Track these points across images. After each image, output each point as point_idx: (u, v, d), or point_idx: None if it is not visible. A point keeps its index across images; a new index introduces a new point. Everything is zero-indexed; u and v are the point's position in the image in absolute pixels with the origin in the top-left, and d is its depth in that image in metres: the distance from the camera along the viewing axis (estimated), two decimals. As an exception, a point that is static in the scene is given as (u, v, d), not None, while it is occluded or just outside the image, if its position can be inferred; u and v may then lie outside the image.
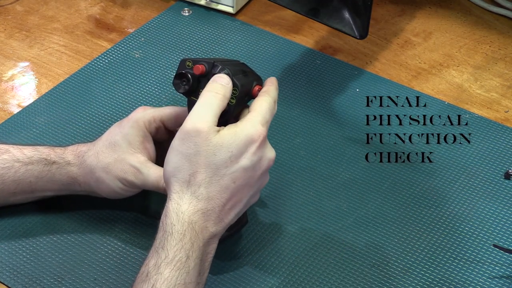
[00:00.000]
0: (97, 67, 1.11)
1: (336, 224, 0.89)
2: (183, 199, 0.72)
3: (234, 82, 0.77)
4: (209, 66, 0.78)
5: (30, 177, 0.83)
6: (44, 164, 0.83)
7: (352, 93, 1.07)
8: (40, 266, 0.83)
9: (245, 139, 0.73)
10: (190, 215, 0.71)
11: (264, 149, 0.75)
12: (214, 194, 0.72)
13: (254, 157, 0.74)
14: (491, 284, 0.82)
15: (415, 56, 1.15)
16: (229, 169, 0.73)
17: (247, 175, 0.74)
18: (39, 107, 1.04)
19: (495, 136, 1.00)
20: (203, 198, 0.72)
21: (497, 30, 1.20)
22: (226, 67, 0.78)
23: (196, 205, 0.72)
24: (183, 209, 0.71)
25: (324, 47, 1.16)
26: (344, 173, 0.95)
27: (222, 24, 1.20)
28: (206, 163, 0.72)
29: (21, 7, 1.24)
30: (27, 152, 0.84)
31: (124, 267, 0.83)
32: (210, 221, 0.72)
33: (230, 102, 0.77)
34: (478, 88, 1.09)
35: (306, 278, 0.83)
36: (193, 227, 0.71)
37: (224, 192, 0.73)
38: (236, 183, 0.73)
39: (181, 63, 0.79)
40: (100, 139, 0.85)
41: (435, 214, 0.90)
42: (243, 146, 0.73)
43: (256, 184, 0.76)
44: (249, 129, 0.74)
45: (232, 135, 0.73)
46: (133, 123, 0.83)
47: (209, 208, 0.72)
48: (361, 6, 0.96)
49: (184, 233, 0.70)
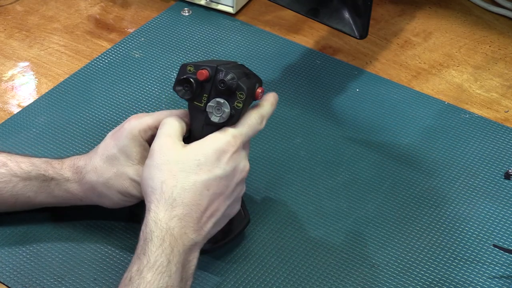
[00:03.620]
0: (97, 67, 1.11)
1: (336, 224, 0.89)
2: (159, 207, 0.73)
3: (241, 86, 0.77)
4: (212, 71, 0.78)
5: (28, 192, 0.83)
6: (42, 180, 0.82)
7: (352, 93, 1.08)
8: (40, 266, 0.83)
9: (214, 148, 0.76)
10: (167, 221, 0.73)
11: (238, 159, 0.77)
12: (188, 200, 0.74)
13: (227, 167, 0.76)
14: (491, 284, 0.82)
15: (415, 56, 1.15)
16: (200, 176, 0.75)
17: (221, 184, 0.76)
18: (39, 107, 1.04)
19: (495, 136, 1.00)
20: (177, 204, 0.73)
21: (497, 30, 1.20)
22: (230, 71, 0.77)
23: (172, 211, 0.73)
24: (160, 217, 0.73)
25: (324, 47, 1.16)
26: (344, 173, 0.95)
27: (222, 24, 1.20)
28: (174, 170, 0.74)
29: (21, 7, 1.24)
30: (24, 166, 0.83)
31: (124, 267, 0.83)
32: (188, 227, 0.74)
33: (237, 106, 0.77)
34: (478, 88, 1.09)
35: (306, 278, 0.83)
36: (172, 232, 0.72)
37: (199, 199, 0.74)
38: (210, 191, 0.75)
39: (181, 68, 0.79)
40: (95, 152, 0.83)
41: (435, 214, 0.90)
42: (212, 155, 0.75)
43: (233, 195, 0.78)
44: (219, 140, 0.76)
45: (199, 145, 0.76)
46: (128, 134, 0.82)
47: (185, 213, 0.74)
48: (361, 6, 0.96)
49: (164, 238, 0.72)
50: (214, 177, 0.75)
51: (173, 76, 1.09)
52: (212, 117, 0.78)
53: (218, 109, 0.78)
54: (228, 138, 0.77)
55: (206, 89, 0.78)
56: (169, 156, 0.75)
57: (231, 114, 0.77)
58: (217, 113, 0.78)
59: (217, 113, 0.78)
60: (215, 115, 0.78)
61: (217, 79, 0.77)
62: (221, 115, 0.77)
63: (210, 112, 0.78)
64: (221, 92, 0.77)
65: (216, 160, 0.75)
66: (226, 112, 0.77)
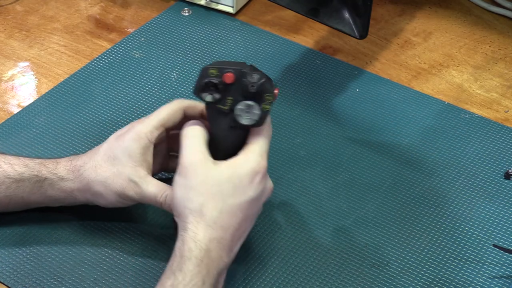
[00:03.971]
0: (97, 67, 1.11)
1: (336, 224, 0.89)
2: (199, 228, 0.74)
3: (269, 88, 0.77)
4: (237, 73, 0.77)
5: (22, 193, 0.83)
6: (35, 181, 0.82)
7: (352, 93, 1.08)
8: (40, 266, 0.83)
9: (248, 170, 0.76)
10: (206, 242, 0.73)
11: (266, 180, 0.79)
12: (225, 223, 0.75)
13: (258, 188, 0.77)
14: (491, 284, 0.82)
15: (415, 56, 1.15)
16: (236, 199, 0.75)
17: (252, 205, 0.77)
18: (39, 107, 1.04)
19: (495, 136, 1.00)
20: (217, 227, 0.74)
21: (497, 30, 1.20)
22: (256, 73, 0.77)
23: (212, 233, 0.74)
24: (199, 237, 0.73)
25: (324, 47, 1.16)
26: (344, 173, 0.95)
27: (222, 24, 1.20)
28: (213, 193, 0.75)
29: (21, 7, 1.24)
30: (17, 168, 0.82)
31: (124, 267, 0.83)
32: (224, 250, 0.75)
33: (265, 108, 0.77)
34: (478, 88, 1.09)
35: (306, 278, 0.83)
36: (209, 254, 0.73)
37: (234, 222, 0.76)
38: (244, 213, 0.76)
39: (203, 71, 0.78)
40: (97, 152, 0.83)
41: (435, 214, 0.90)
42: (246, 177, 0.76)
43: (257, 214, 0.79)
44: (252, 162, 0.77)
45: (233, 167, 0.76)
46: (134, 135, 0.82)
47: (223, 237, 0.75)
48: (361, 6, 0.96)
49: (202, 259, 0.72)
50: (249, 199, 0.76)
51: (172, 76, 1.09)
52: (242, 120, 0.77)
53: (248, 111, 0.77)
54: (258, 158, 0.77)
55: (230, 92, 0.77)
56: (205, 177, 0.75)
57: (261, 116, 0.77)
58: (246, 115, 0.77)
59: (246, 115, 0.77)
60: (244, 118, 0.77)
61: (245, 82, 0.77)
62: (251, 118, 0.77)
63: (239, 115, 0.77)
64: (250, 94, 0.77)
65: (250, 183, 0.76)
66: (257, 114, 0.77)
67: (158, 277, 0.80)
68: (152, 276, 0.82)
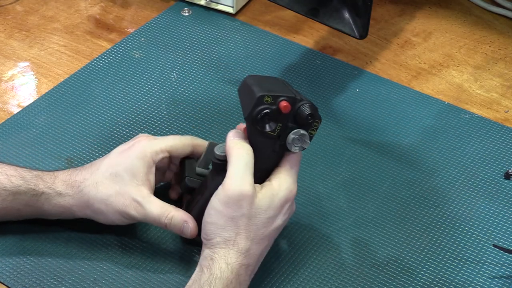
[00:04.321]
0: (97, 67, 1.11)
1: (336, 224, 0.89)
2: (230, 253, 0.75)
3: (318, 115, 0.77)
4: (291, 101, 0.75)
5: (18, 206, 0.82)
6: (32, 195, 0.81)
7: (352, 93, 1.08)
8: (40, 266, 0.83)
9: (282, 200, 0.77)
10: (237, 267, 0.75)
11: (293, 205, 0.80)
12: (254, 252, 0.76)
13: (286, 215, 0.79)
14: (491, 284, 0.82)
15: (415, 56, 1.15)
16: (267, 229, 0.77)
17: (276, 232, 0.79)
18: (39, 107, 1.04)
19: (495, 136, 1.00)
20: (248, 255, 0.76)
21: (497, 30, 1.20)
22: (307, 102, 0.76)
23: (242, 260, 0.75)
24: (231, 261, 0.74)
25: (324, 47, 1.16)
26: (344, 173, 0.95)
27: (222, 24, 1.20)
28: (249, 225, 0.76)
29: (21, 7, 1.24)
30: (14, 180, 0.81)
31: (124, 267, 0.83)
32: (249, 275, 0.76)
33: (311, 133, 0.78)
34: (478, 88, 1.09)
35: (306, 278, 0.83)
36: (238, 278, 0.74)
37: (261, 249, 0.77)
38: (270, 240, 0.78)
39: (258, 99, 0.75)
40: (98, 167, 0.82)
41: (435, 214, 0.90)
42: (279, 207, 0.77)
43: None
44: (285, 191, 0.78)
45: (270, 198, 0.77)
46: (139, 154, 0.81)
47: (250, 263, 0.76)
48: (361, 6, 0.96)
49: (232, 280, 0.74)
50: (277, 227, 0.78)
51: (172, 76, 1.09)
52: (293, 148, 0.77)
53: (300, 140, 0.77)
54: (291, 186, 0.78)
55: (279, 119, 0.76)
56: (247, 211, 0.75)
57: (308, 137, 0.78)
58: (298, 144, 0.77)
59: (298, 144, 0.77)
60: (295, 146, 0.78)
61: (300, 113, 0.76)
62: (302, 146, 0.78)
63: (291, 144, 0.77)
64: (301, 123, 0.77)
65: (280, 211, 0.77)
66: (307, 143, 0.78)
67: (158, 277, 0.81)
68: (151, 276, 0.82)
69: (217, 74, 1.10)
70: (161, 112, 1.03)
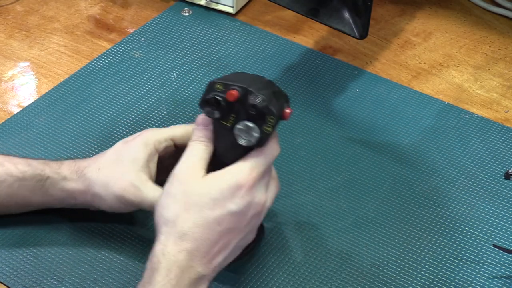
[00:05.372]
0: (97, 67, 1.11)
1: (336, 224, 0.89)
2: (169, 239, 0.73)
3: (271, 110, 0.74)
4: (242, 91, 0.74)
5: (24, 192, 0.83)
6: (38, 180, 0.82)
7: (352, 93, 1.08)
8: (40, 266, 0.83)
9: (230, 184, 0.74)
10: (175, 253, 0.72)
11: (254, 194, 0.75)
12: (199, 235, 0.73)
13: (241, 202, 0.74)
14: (491, 284, 0.82)
15: (415, 56, 1.15)
16: (214, 211, 0.73)
17: (234, 219, 0.74)
18: (39, 107, 1.04)
19: (495, 136, 1.00)
20: (188, 238, 0.72)
21: (497, 30, 1.20)
22: (260, 94, 0.74)
23: (181, 244, 0.72)
24: (168, 249, 0.72)
25: (324, 47, 1.16)
26: (344, 173, 0.95)
27: (222, 24, 1.20)
28: (190, 204, 0.73)
29: (21, 7, 1.24)
30: (21, 167, 0.83)
31: (124, 267, 0.83)
32: (195, 260, 0.73)
33: (266, 130, 0.75)
34: (478, 88, 1.09)
35: (306, 278, 0.83)
36: (179, 265, 0.72)
37: (209, 234, 0.73)
38: (222, 226, 0.73)
39: (209, 85, 0.76)
40: (103, 155, 0.84)
41: (435, 214, 0.90)
42: (227, 190, 0.74)
43: (247, 228, 0.76)
44: (234, 175, 0.74)
45: (215, 180, 0.74)
46: (141, 141, 0.82)
47: (194, 247, 0.73)
48: (361, 6, 0.97)
49: (170, 269, 0.71)
50: (227, 213, 0.73)
51: (173, 76, 1.09)
52: (240, 140, 0.75)
53: (247, 132, 0.75)
54: (245, 172, 0.75)
55: (234, 109, 0.75)
56: (187, 187, 0.74)
57: (260, 138, 0.75)
58: (245, 136, 0.75)
59: (245, 136, 0.75)
60: (243, 138, 0.75)
61: (247, 102, 0.74)
62: (249, 139, 0.75)
63: (238, 135, 0.75)
64: (251, 115, 0.75)
65: (231, 196, 0.74)
66: (255, 137, 0.75)
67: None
68: (152, 276, 0.82)
69: (217, 74, 1.10)
70: (161, 112, 1.03)
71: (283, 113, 0.76)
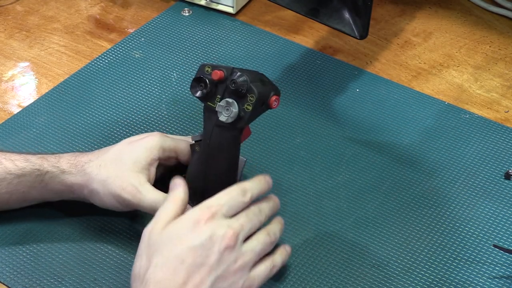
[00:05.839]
0: (97, 67, 1.11)
1: (336, 224, 0.89)
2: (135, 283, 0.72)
3: (252, 88, 0.77)
4: (227, 72, 0.78)
5: (23, 188, 0.83)
6: (36, 175, 0.82)
7: (352, 93, 1.08)
8: (40, 266, 0.83)
9: (186, 222, 0.73)
10: None
11: (215, 227, 0.73)
12: (161, 276, 0.71)
13: (201, 235, 0.72)
14: (491, 284, 0.82)
15: (415, 56, 1.15)
16: (173, 249, 0.72)
17: (197, 254, 0.71)
18: (39, 107, 1.04)
19: (495, 136, 1.00)
20: (150, 282, 0.71)
21: (497, 30, 1.20)
22: (244, 74, 0.77)
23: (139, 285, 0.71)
24: None
25: (324, 47, 1.16)
26: (344, 173, 0.95)
27: (222, 24, 1.20)
28: (151, 253, 0.72)
29: (21, 7, 1.24)
30: (19, 163, 0.83)
31: (124, 267, 0.83)
32: None
33: (247, 108, 0.77)
34: (478, 88, 1.09)
35: (306, 278, 0.83)
36: None
37: (173, 274, 0.71)
38: (186, 263, 0.71)
39: (200, 68, 0.79)
40: (106, 152, 0.84)
41: (435, 214, 0.90)
42: (184, 227, 0.73)
43: (220, 265, 0.72)
44: (191, 213, 0.74)
45: (173, 224, 0.73)
46: (146, 146, 0.83)
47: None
48: (361, 6, 0.96)
49: None
50: (187, 247, 0.71)
51: (173, 76, 1.09)
52: (221, 117, 0.78)
53: (227, 109, 0.77)
54: (201, 209, 0.74)
55: (220, 90, 0.78)
56: (150, 240, 0.73)
57: (239, 115, 0.77)
58: (226, 112, 0.78)
59: (226, 112, 0.78)
60: (223, 114, 0.78)
61: (231, 80, 0.77)
62: (229, 115, 0.77)
63: (220, 112, 0.78)
64: (232, 92, 0.78)
65: (189, 232, 0.72)
66: (234, 112, 0.77)
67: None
68: (152, 276, 0.82)
69: (217, 74, 1.10)
70: (161, 112, 1.03)
71: (269, 100, 0.79)
